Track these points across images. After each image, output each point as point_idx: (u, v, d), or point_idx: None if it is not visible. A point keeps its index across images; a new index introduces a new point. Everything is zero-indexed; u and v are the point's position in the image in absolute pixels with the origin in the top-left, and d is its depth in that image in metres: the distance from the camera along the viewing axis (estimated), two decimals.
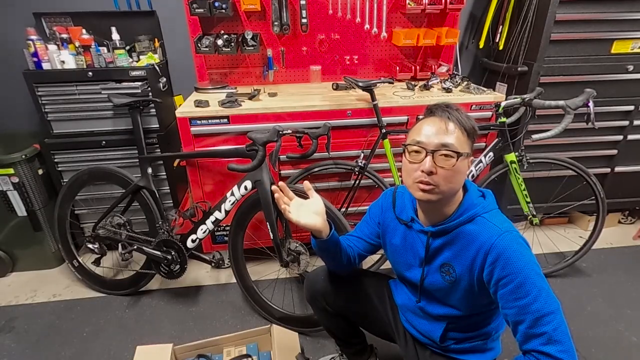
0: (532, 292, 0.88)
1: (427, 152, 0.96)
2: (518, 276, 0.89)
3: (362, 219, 1.31)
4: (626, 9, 2.05)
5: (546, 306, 0.87)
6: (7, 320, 1.92)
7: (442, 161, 0.95)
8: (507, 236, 0.93)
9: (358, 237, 1.29)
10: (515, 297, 0.90)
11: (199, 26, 2.22)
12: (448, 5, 2.15)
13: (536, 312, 0.87)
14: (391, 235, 1.19)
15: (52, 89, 1.95)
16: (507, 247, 0.92)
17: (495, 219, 0.98)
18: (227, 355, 1.55)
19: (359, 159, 1.97)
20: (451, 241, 1.03)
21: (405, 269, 1.17)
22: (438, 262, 1.07)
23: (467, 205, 1.02)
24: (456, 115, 0.98)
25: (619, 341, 1.74)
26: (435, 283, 1.09)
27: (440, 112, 1.00)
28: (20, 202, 2.09)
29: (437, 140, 0.96)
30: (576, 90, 1.87)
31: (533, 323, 0.87)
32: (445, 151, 0.95)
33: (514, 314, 0.90)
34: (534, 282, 0.89)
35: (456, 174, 0.96)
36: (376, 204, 1.27)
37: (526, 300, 0.88)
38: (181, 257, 1.85)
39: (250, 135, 1.62)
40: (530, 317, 0.87)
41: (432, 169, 0.95)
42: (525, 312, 0.88)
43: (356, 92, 2.15)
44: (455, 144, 0.95)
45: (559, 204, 2.36)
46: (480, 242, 0.96)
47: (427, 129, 0.98)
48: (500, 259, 0.92)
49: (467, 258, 1.00)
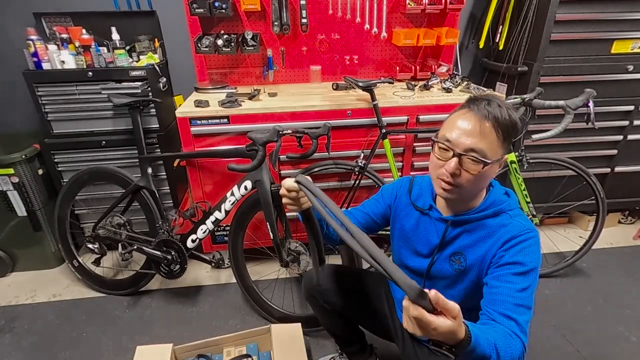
0: (526, 284, 0.89)
1: (455, 154, 0.90)
2: (525, 267, 0.90)
3: (372, 197, 1.27)
4: (626, 9, 2.05)
5: (528, 301, 0.89)
6: (7, 320, 1.92)
7: (468, 165, 0.90)
8: (529, 234, 0.94)
9: (363, 212, 1.25)
10: (511, 280, 0.90)
11: (199, 26, 2.22)
12: (448, 5, 2.15)
13: (520, 300, 0.88)
14: (403, 220, 1.17)
15: (52, 89, 1.95)
16: (526, 240, 0.92)
17: (520, 217, 0.98)
18: (227, 355, 1.55)
19: (359, 159, 1.97)
20: (470, 230, 1.01)
21: (409, 256, 1.16)
22: (449, 251, 1.06)
23: (493, 200, 1.00)
24: (496, 114, 0.89)
25: (619, 341, 1.74)
26: (442, 271, 1.08)
27: (479, 108, 0.90)
28: (20, 202, 2.09)
29: (467, 142, 0.89)
30: (576, 90, 1.87)
31: (514, 308, 0.87)
32: (473, 157, 0.89)
33: (501, 292, 0.89)
34: (532, 280, 0.90)
35: (481, 179, 0.93)
36: (390, 187, 1.23)
37: (519, 287, 0.89)
38: (181, 257, 1.85)
39: (250, 135, 1.62)
40: (513, 301, 0.88)
41: (456, 171, 0.91)
42: (512, 295, 0.88)
43: (356, 92, 2.15)
44: (486, 149, 0.89)
45: (559, 204, 2.36)
46: (500, 234, 0.96)
47: (459, 126, 0.91)
48: (516, 247, 0.92)
49: (482, 248, 0.99)
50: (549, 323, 1.82)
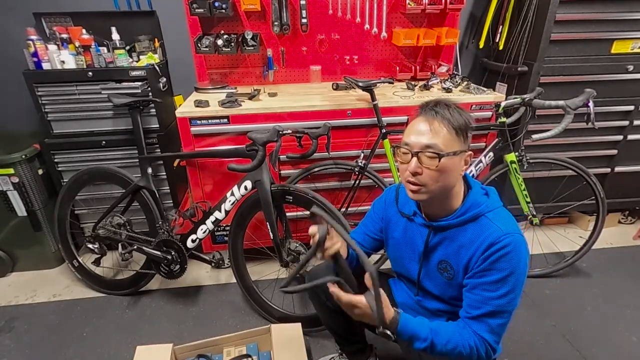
0: (503, 290, 0.93)
1: (412, 154, 0.98)
2: (499, 273, 0.94)
3: (366, 214, 1.32)
4: (626, 9, 2.05)
5: (507, 306, 0.94)
6: (7, 320, 1.92)
7: (427, 161, 0.96)
8: (507, 239, 0.95)
9: (364, 234, 1.30)
10: (486, 288, 0.95)
11: (199, 26, 2.22)
12: (448, 5, 2.15)
13: (496, 307, 0.94)
14: (393, 229, 1.21)
15: (52, 89, 1.95)
16: (504, 247, 0.94)
17: (499, 220, 0.99)
18: (227, 355, 1.55)
19: (359, 159, 1.97)
20: (450, 238, 1.04)
21: (404, 264, 1.18)
22: (436, 259, 1.08)
23: (471, 203, 1.02)
24: (443, 113, 0.97)
25: (619, 341, 1.74)
26: (433, 279, 1.10)
27: (427, 111, 0.99)
28: (20, 202, 2.09)
29: (421, 141, 0.96)
30: (576, 90, 1.87)
31: (488, 314, 0.94)
32: (429, 152, 0.96)
33: (476, 300, 0.96)
34: (510, 283, 0.93)
35: (443, 173, 0.97)
36: (380, 199, 1.29)
37: (493, 294, 0.94)
38: (181, 257, 1.85)
39: (250, 135, 1.62)
40: (488, 308, 0.94)
41: (417, 170, 0.97)
42: (487, 303, 0.94)
43: (356, 92, 2.15)
44: (440, 144, 0.95)
45: (559, 204, 2.36)
46: (480, 242, 0.98)
47: (414, 130, 0.99)
48: (493, 255, 0.95)
49: (465, 257, 1.01)
50: (549, 323, 1.82)
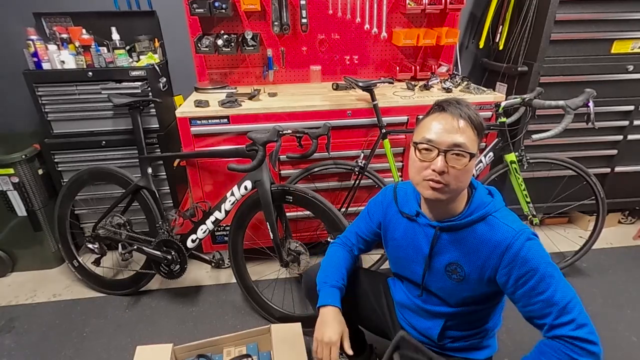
0: (552, 284, 0.90)
1: (440, 152, 0.93)
2: (537, 272, 0.90)
3: (360, 214, 1.30)
4: (626, 9, 2.05)
5: (567, 294, 0.90)
6: (7, 320, 1.92)
7: (454, 161, 0.93)
8: (521, 236, 0.93)
9: (355, 234, 1.30)
10: (537, 292, 0.91)
11: (199, 26, 2.22)
12: (448, 5, 2.15)
13: (560, 302, 0.89)
14: (393, 231, 1.18)
15: (52, 89, 1.95)
16: (522, 246, 0.92)
17: (507, 219, 0.98)
18: (227, 355, 1.55)
19: (359, 159, 1.97)
20: (460, 240, 1.02)
21: (406, 265, 1.16)
22: (444, 261, 1.05)
23: (478, 204, 1.01)
24: (467, 112, 0.94)
25: (619, 341, 1.74)
26: (439, 281, 1.08)
27: (452, 108, 0.95)
28: (20, 202, 2.09)
29: (449, 139, 0.93)
30: (576, 90, 1.87)
31: (560, 313, 0.89)
32: (458, 151, 0.92)
33: (539, 308, 0.91)
34: (551, 274, 0.91)
35: (466, 173, 0.95)
36: (375, 201, 1.25)
37: (548, 294, 0.90)
38: (181, 257, 1.85)
39: (250, 135, 1.62)
40: (556, 309, 0.90)
41: (444, 169, 0.93)
42: (551, 304, 0.90)
43: (356, 92, 2.15)
44: (467, 143, 0.93)
45: (559, 204, 2.36)
46: (495, 244, 0.96)
47: (437, 127, 0.94)
48: (517, 260, 0.92)
49: (479, 258, 0.99)
50: None
